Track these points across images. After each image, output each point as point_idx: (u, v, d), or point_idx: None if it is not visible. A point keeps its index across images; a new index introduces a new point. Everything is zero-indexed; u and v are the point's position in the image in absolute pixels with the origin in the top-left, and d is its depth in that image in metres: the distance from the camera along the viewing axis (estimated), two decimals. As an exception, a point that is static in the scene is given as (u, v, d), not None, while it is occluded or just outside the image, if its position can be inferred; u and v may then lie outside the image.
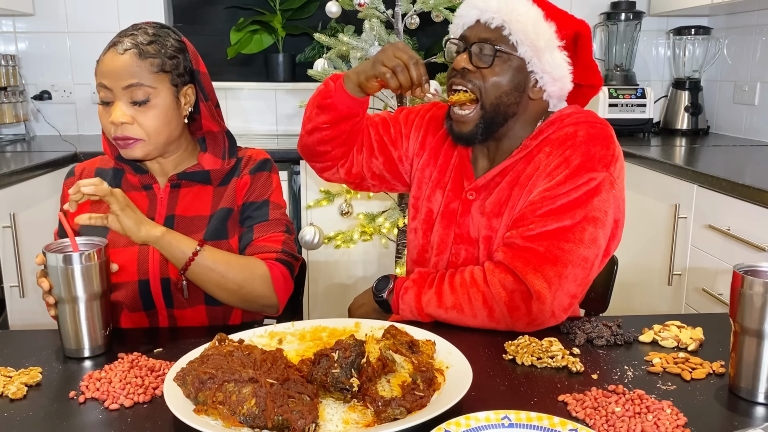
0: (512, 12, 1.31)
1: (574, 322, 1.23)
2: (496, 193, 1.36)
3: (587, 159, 1.26)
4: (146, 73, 1.27)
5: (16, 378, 1.04)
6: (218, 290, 1.29)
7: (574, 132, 1.31)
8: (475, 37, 1.33)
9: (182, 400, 0.92)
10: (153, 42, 1.29)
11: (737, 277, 0.95)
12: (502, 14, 1.31)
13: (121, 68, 1.26)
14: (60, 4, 3.29)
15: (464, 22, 1.36)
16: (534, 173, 1.31)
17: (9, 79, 3.16)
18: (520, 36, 1.31)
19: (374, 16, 2.40)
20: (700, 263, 2.24)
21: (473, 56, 1.33)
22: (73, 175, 1.44)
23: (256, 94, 3.47)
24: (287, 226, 1.41)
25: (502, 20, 1.31)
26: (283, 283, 1.34)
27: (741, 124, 3.15)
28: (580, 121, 1.33)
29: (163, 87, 1.29)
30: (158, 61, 1.28)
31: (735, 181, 2.02)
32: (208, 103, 1.37)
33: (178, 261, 1.25)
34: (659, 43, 3.51)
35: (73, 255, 1.11)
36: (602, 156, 1.27)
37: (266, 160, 1.45)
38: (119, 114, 1.26)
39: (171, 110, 1.32)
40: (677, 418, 0.90)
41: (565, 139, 1.31)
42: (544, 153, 1.32)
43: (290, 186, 2.86)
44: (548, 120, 1.36)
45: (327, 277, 2.92)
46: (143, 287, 1.34)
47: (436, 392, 0.95)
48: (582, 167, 1.26)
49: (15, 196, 2.36)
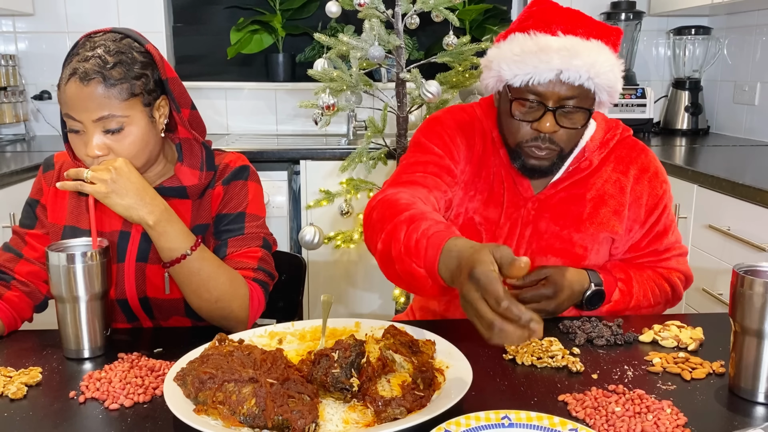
0: (596, 65, 1.22)
1: (574, 322, 1.24)
2: (565, 204, 1.38)
3: (653, 170, 1.42)
4: (116, 102, 1.18)
5: (16, 378, 1.04)
6: (193, 296, 1.23)
7: (647, 161, 1.42)
8: (557, 96, 1.24)
9: (182, 400, 0.92)
10: (117, 63, 1.18)
11: (737, 277, 0.95)
12: (588, 71, 1.22)
13: (87, 101, 1.17)
14: (60, 4, 3.29)
15: (530, 76, 1.23)
16: (614, 192, 1.38)
17: (9, 79, 3.16)
18: (605, 88, 1.26)
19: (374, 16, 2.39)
20: (700, 263, 2.24)
21: (558, 118, 1.26)
22: (52, 168, 1.36)
23: (256, 94, 3.47)
24: (265, 240, 1.34)
25: (588, 77, 1.22)
26: (256, 307, 1.28)
27: (741, 124, 3.15)
28: (637, 143, 1.43)
29: (135, 112, 1.21)
30: (126, 86, 1.19)
31: (735, 181, 2.02)
32: (180, 114, 1.29)
33: (164, 255, 1.21)
34: (659, 43, 3.51)
35: (76, 254, 1.11)
36: (652, 163, 1.44)
37: (243, 168, 1.36)
38: (94, 147, 1.18)
39: (147, 132, 1.23)
40: (677, 418, 0.90)
41: (643, 170, 1.41)
42: (614, 170, 1.40)
43: (290, 186, 2.86)
44: (601, 129, 1.40)
45: (327, 277, 2.92)
46: (123, 305, 1.31)
47: (436, 392, 0.95)
48: (656, 178, 1.42)
49: (15, 196, 2.36)
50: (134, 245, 1.30)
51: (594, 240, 1.38)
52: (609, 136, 1.41)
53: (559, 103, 1.25)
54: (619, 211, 1.38)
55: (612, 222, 1.38)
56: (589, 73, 1.22)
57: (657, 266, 1.45)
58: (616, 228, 1.38)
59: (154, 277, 1.30)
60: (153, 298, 1.30)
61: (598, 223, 1.37)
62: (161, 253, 1.21)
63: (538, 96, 1.25)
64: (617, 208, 1.38)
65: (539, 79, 1.23)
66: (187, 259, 1.20)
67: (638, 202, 1.40)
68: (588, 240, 1.37)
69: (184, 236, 1.21)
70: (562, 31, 1.25)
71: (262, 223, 1.36)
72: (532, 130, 1.28)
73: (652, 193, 1.40)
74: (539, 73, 1.23)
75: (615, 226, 1.38)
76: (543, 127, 1.26)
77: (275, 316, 1.65)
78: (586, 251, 1.38)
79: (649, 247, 1.43)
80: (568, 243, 1.37)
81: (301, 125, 3.47)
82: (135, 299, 1.30)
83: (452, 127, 1.40)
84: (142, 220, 1.17)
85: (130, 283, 1.30)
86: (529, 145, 1.30)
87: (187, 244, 1.21)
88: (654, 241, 1.43)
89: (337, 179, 2.75)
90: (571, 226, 1.37)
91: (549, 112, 1.25)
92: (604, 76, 1.24)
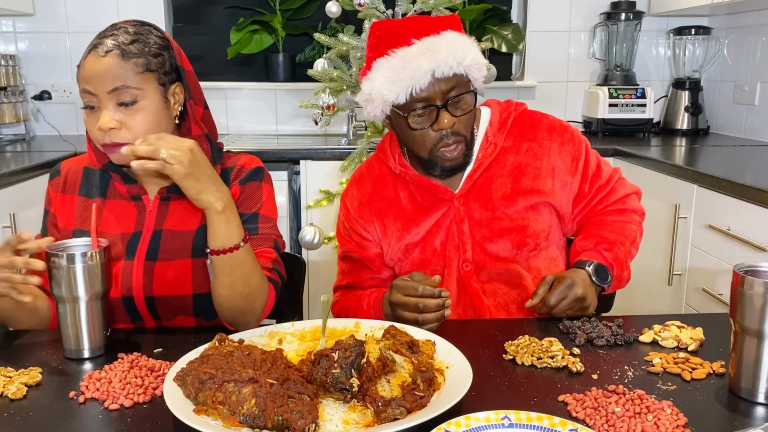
0: (458, 51, 1.31)
1: (574, 322, 1.24)
2: (487, 189, 1.44)
3: (558, 126, 1.50)
4: (131, 74, 1.21)
5: (16, 378, 1.04)
6: (227, 288, 1.21)
7: (549, 122, 1.50)
8: (440, 93, 1.32)
9: (182, 400, 0.92)
10: (135, 41, 1.23)
11: (737, 277, 0.95)
12: (455, 59, 1.30)
13: (104, 71, 1.20)
14: (60, 4, 3.30)
15: (410, 87, 1.31)
16: (528, 160, 1.45)
17: (9, 79, 3.17)
18: (473, 66, 1.34)
19: (374, 16, 2.39)
20: (700, 263, 2.24)
21: (451, 110, 1.34)
22: (58, 174, 1.38)
23: (256, 94, 3.47)
24: (276, 242, 1.35)
25: (457, 63, 1.31)
26: (269, 307, 1.30)
27: (741, 124, 3.15)
28: (534, 112, 1.52)
29: (150, 87, 1.23)
30: (143, 61, 1.22)
31: (735, 181, 2.02)
32: (191, 102, 1.30)
33: (218, 243, 1.19)
34: (659, 43, 3.51)
35: (76, 254, 1.11)
36: (555, 121, 1.52)
37: (258, 169, 1.38)
38: (107, 119, 1.20)
39: (160, 111, 1.25)
40: (677, 418, 0.90)
41: (550, 129, 1.48)
42: (521, 141, 1.46)
43: (290, 186, 2.86)
44: (496, 111, 1.49)
45: (327, 277, 2.91)
46: (128, 303, 1.31)
47: (436, 392, 0.95)
48: (564, 131, 1.49)
49: (15, 196, 2.36)
50: (144, 244, 1.31)
51: (528, 209, 1.44)
52: (505, 116, 1.49)
53: (445, 98, 1.33)
54: (538, 175, 1.45)
55: (536, 186, 1.44)
56: (456, 60, 1.30)
57: (610, 206, 1.51)
58: (543, 190, 1.44)
59: (162, 275, 1.30)
60: (160, 297, 1.31)
61: (524, 192, 1.43)
62: (216, 240, 1.19)
63: (425, 101, 1.33)
64: (535, 173, 1.45)
65: (419, 86, 1.30)
66: (240, 249, 1.20)
67: (560, 157, 1.46)
68: (523, 211, 1.43)
69: (240, 227, 1.21)
70: (415, 38, 1.33)
71: (274, 225, 1.37)
72: (434, 132, 1.35)
73: (567, 143, 1.48)
74: (417, 81, 1.30)
75: (541, 189, 1.44)
76: (443, 124, 1.34)
77: (275, 316, 1.64)
78: (527, 221, 1.43)
79: (593, 188, 1.49)
80: (507, 220, 1.43)
81: (301, 125, 3.47)
82: (141, 297, 1.30)
83: (352, 218, 1.52)
84: (211, 204, 1.17)
85: (138, 280, 1.30)
86: (439, 148, 1.37)
87: (241, 234, 1.21)
88: (594, 180, 1.50)
89: (337, 179, 2.75)
90: (501, 206, 1.43)
91: (441, 109, 1.33)
92: (469, 57, 1.33)
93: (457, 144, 1.37)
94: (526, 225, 1.43)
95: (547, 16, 3.42)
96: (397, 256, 1.48)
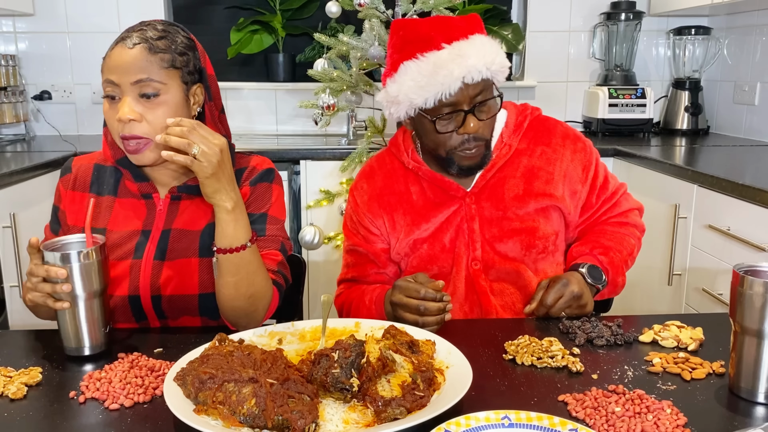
0: (487, 56, 1.31)
1: (573, 322, 1.24)
2: (500, 189, 1.45)
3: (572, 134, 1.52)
4: (156, 68, 1.22)
5: (16, 378, 1.04)
6: (231, 288, 1.22)
7: (564, 129, 1.51)
8: (468, 98, 1.32)
9: (182, 400, 0.92)
10: (163, 37, 1.25)
11: (737, 277, 0.96)
12: (484, 64, 1.30)
13: (130, 63, 1.21)
14: (60, 4, 3.29)
15: (440, 92, 1.30)
16: (541, 164, 1.46)
17: (9, 79, 3.16)
18: (499, 70, 1.34)
19: (374, 16, 2.40)
20: (700, 263, 2.24)
21: (477, 114, 1.34)
22: (69, 171, 1.38)
23: (256, 94, 3.47)
24: (282, 244, 1.35)
25: (486, 68, 1.30)
26: (272, 309, 1.30)
27: (741, 124, 3.15)
28: (549, 118, 1.53)
29: (173, 83, 1.24)
30: (168, 57, 1.24)
31: (735, 181, 2.02)
32: (211, 104, 1.32)
33: (225, 242, 1.20)
34: (659, 43, 3.51)
35: (71, 253, 1.11)
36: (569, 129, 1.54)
37: (269, 170, 1.39)
38: (127, 110, 1.20)
39: (180, 108, 1.26)
40: (677, 418, 0.90)
41: (564, 136, 1.50)
42: (536, 144, 1.48)
43: (290, 186, 2.86)
44: (512, 113, 1.49)
45: (327, 277, 2.91)
46: (134, 302, 1.31)
47: (436, 392, 0.95)
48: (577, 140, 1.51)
49: (15, 196, 2.36)
50: (153, 243, 1.31)
51: (539, 212, 1.45)
52: (521, 119, 1.50)
53: (472, 103, 1.33)
54: (551, 180, 1.46)
55: (548, 190, 1.45)
56: (486, 65, 1.30)
57: (612, 218, 1.54)
58: (554, 194, 1.45)
59: (169, 275, 1.30)
60: (166, 296, 1.31)
61: (536, 194, 1.44)
62: (223, 239, 1.20)
63: (453, 105, 1.32)
64: (548, 177, 1.46)
65: (449, 91, 1.30)
66: (246, 249, 1.21)
67: (572, 164, 1.48)
68: (533, 213, 1.45)
69: (248, 227, 1.23)
70: (445, 42, 1.32)
71: (282, 226, 1.37)
72: (459, 135, 1.36)
73: (578, 152, 1.50)
74: (447, 88, 1.29)
75: (553, 193, 1.45)
76: (468, 129, 1.34)
77: (275, 316, 1.64)
78: (536, 223, 1.45)
79: (599, 199, 1.52)
80: (518, 221, 1.44)
81: (301, 125, 3.47)
82: (147, 296, 1.30)
83: (361, 212, 1.52)
84: (222, 203, 1.18)
85: (146, 279, 1.30)
86: (461, 149, 1.37)
87: (248, 235, 1.22)
88: (601, 192, 1.52)
89: (337, 179, 2.75)
90: (513, 206, 1.44)
91: (468, 114, 1.33)
92: (497, 61, 1.33)
93: (478, 147, 1.38)
94: (536, 227, 1.44)
95: (547, 16, 3.42)
96: (405, 251, 1.48)
